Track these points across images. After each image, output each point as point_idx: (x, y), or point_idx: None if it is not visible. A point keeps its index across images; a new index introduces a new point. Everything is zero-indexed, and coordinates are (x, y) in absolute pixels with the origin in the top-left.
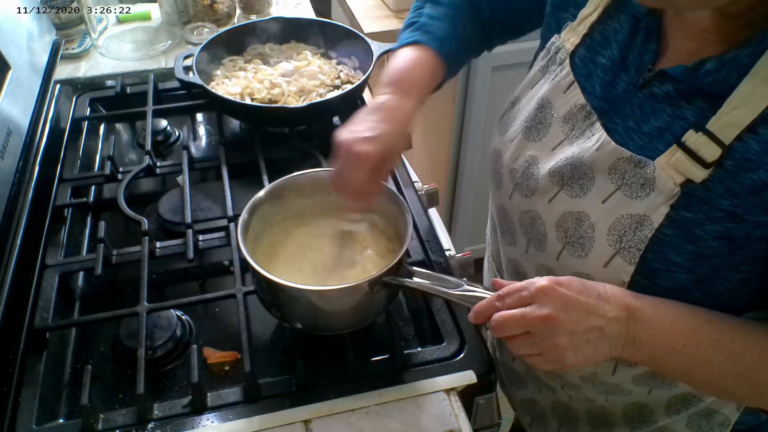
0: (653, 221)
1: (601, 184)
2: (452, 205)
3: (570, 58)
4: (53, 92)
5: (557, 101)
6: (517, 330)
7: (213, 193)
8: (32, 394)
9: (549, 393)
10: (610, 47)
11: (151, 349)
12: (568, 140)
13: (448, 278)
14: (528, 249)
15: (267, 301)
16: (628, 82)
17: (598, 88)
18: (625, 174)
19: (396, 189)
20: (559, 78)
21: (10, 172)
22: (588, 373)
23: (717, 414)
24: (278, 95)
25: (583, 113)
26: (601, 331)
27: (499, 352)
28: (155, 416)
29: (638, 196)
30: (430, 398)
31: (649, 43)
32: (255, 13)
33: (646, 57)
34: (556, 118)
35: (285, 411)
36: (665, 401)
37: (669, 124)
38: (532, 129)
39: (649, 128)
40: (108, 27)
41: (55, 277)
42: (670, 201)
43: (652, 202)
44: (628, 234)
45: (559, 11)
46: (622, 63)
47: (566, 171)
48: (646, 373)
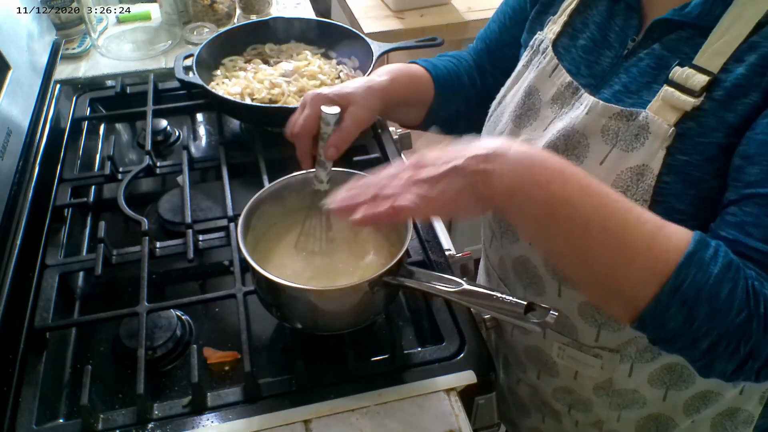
0: (653, 168)
1: (596, 148)
2: None
3: (553, 47)
4: (53, 92)
5: (543, 86)
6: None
7: (213, 193)
8: (32, 394)
9: (553, 422)
10: (588, 29)
11: (151, 349)
12: (558, 117)
13: (448, 278)
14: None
15: (267, 301)
16: (613, 56)
17: (583, 68)
18: (618, 131)
19: None
20: (542, 65)
21: (10, 172)
22: (603, 380)
23: (741, 412)
24: (278, 95)
25: (571, 90)
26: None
27: (504, 375)
28: (155, 416)
29: (634, 147)
30: (430, 398)
31: (631, 19)
32: (255, 13)
33: (630, 31)
34: (544, 102)
35: (285, 411)
36: (682, 404)
37: (655, 75)
38: (522, 116)
39: (636, 86)
40: (108, 27)
41: (55, 277)
42: (665, 143)
43: (648, 149)
44: (632, 187)
45: (542, 15)
46: (604, 41)
47: (560, 143)
48: (663, 369)
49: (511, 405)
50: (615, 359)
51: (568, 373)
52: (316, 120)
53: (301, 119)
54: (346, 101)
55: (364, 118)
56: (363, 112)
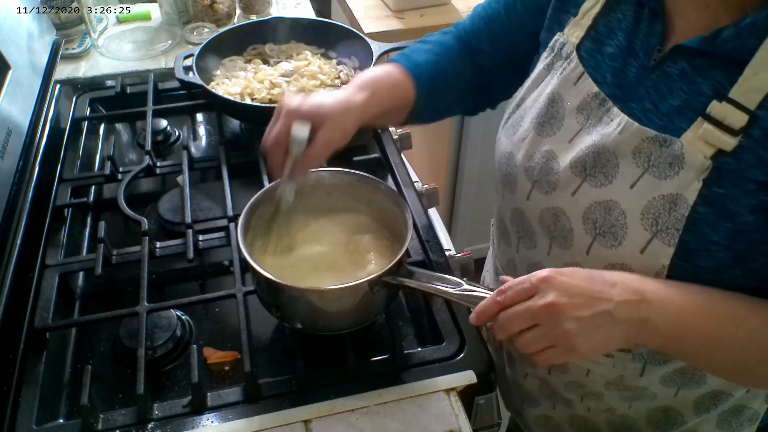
0: (687, 199)
1: (626, 169)
2: (452, 205)
3: (576, 51)
4: (53, 92)
5: (568, 94)
6: (523, 324)
7: (213, 193)
8: (32, 394)
9: (564, 408)
10: (615, 36)
11: (151, 349)
12: (585, 129)
13: (448, 278)
14: (551, 249)
15: (267, 301)
16: (638, 66)
17: (609, 77)
18: (650, 155)
19: (396, 189)
20: (567, 71)
21: (10, 172)
22: (614, 377)
23: (746, 409)
24: (278, 95)
25: (597, 101)
26: (610, 315)
27: (510, 369)
28: (155, 416)
29: (667, 175)
30: (430, 398)
31: (655, 26)
32: (255, 13)
33: (653, 39)
34: (568, 111)
35: (285, 411)
36: (693, 401)
37: (687, 101)
38: (545, 124)
39: (667, 107)
40: (108, 27)
41: (55, 277)
42: (702, 176)
43: (683, 179)
44: (663, 215)
45: (561, 13)
46: (630, 49)
47: (588, 160)
48: (675, 372)
49: (517, 397)
50: (626, 359)
51: (579, 371)
52: (287, 136)
53: (273, 133)
54: (321, 119)
55: (335, 139)
56: (335, 134)
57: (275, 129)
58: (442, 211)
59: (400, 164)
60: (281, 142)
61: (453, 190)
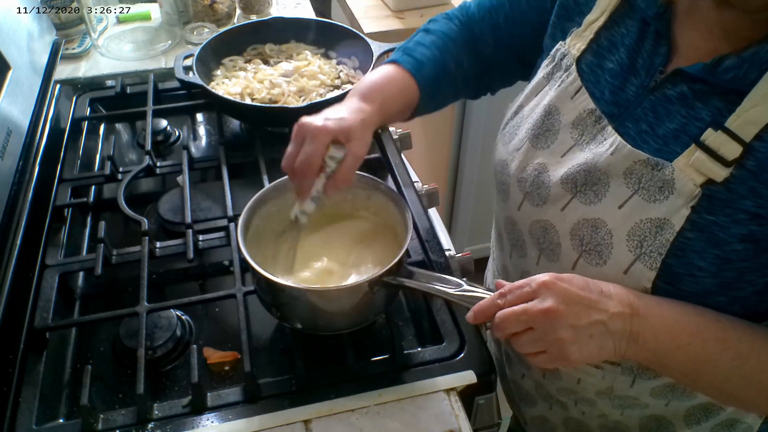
0: (674, 224)
1: (616, 189)
2: (452, 205)
3: (576, 64)
4: (53, 92)
5: (564, 107)
6: (519, 326)
7: (213, 193)
8: (32, 394)
9: (560, 410)
10: (617, 52)
11: (151, 349)
12: (578, 146)
13: (448, 278)
14: (540, 260)
15: (267, 301)
16: (638, 85)
17: (607, 93)
18: (641, 178)
19: (396, 189)
20: (565, 84)
21: (10, 172)
22: (604, 387)
23: (739, 423)
24: (278, 95)
25: (593, 118)
26: (604, 326)
27: (509, 368)
28: (155, 416)
29: (656, 199)
30: (430, 398)
31: (660, 46)
32: (255, 13)
33: (657, 60)
34: (564, 125)
35: (285, 411)
36: (684, 412)
37: (684, 125)
38: (540, 137)
39: (663, 131)
40: (108, 27)
41: (55, 277)
42: (690, 203)
43: (671, 204)
44: (649, 239)
45: (564, 21)
46: (631, 67)
47: (579, 177)
48: (665, 386)
49: (516, 396)
50: (615, 371)
51: (570, 379)
52: (322, 158)
53: (305, 155)
54: (347, 137)
55: (362, 154)
56: (362, 150)
57: (308, 151)
58: (442, 211)
59: (400, 164)
60: (315, 164)
61: (453, 190)
